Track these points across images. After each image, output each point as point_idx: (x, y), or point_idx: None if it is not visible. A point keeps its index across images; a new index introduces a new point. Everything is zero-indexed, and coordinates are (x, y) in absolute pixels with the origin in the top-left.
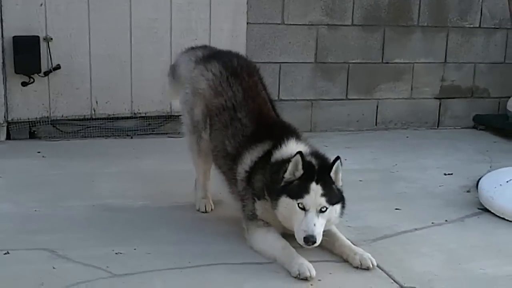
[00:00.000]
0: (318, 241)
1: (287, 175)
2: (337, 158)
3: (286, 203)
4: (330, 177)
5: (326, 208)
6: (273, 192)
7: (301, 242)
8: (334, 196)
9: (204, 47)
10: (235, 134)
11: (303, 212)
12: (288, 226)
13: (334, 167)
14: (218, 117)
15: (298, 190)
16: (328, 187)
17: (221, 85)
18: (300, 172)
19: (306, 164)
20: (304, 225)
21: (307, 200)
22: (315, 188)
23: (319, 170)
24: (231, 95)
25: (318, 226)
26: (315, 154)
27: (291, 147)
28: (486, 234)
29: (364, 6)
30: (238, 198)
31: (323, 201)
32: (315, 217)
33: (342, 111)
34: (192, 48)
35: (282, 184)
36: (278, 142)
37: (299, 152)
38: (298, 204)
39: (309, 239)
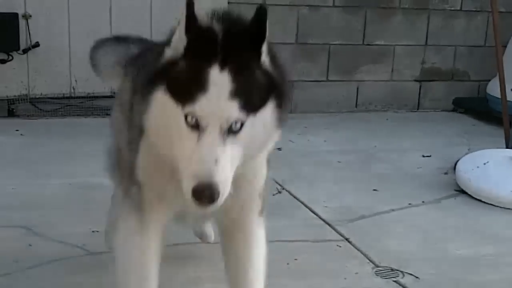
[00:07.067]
0: (224, 193)
1: (168, 52)
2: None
3: (161, 106)
4: (256, 54)
5: (242, 124)
6: (141, 85)
7: (188, 196)
8: (259, 92)
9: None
10: None
11: (194, 133)
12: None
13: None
14: None
15: (183, 85)
16: (246, 75)
17: None
18: (183, 41)
19: (197, 27)
20: (195, 160)
21: (202, 106)
22: (218, 80)
23: (226, 37)
24: None
25: (222, 160)
26: (227, 15)
27: None
28: (462, 216)
29: None
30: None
31: (233, 108)
32: (217, 142)
33: (323, 92)
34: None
35: (159, 68)
36: None
37: (189, 2)
38: (185, 116)
39: (204, 190)
